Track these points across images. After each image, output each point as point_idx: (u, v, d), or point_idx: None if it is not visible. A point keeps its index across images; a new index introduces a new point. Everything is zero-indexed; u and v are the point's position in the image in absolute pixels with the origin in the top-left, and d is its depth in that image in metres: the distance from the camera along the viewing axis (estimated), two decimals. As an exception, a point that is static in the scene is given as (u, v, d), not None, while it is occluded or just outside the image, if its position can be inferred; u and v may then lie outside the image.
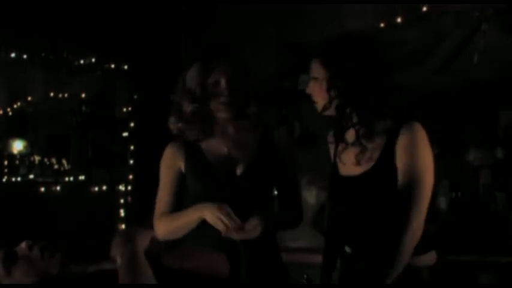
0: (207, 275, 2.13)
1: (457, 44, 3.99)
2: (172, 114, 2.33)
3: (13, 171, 4.75)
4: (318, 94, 2.04)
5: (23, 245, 2.11)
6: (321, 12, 4.37)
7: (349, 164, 2.02)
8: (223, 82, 2.20)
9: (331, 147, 2.17)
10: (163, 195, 2.30)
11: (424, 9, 3.99)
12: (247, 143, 2.25)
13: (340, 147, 2.09)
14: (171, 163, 2.32)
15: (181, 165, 2.30)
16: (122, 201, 4.82)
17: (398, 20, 4.06)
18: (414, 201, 1.88)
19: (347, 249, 2.03)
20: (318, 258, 3.85)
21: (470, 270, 3.38)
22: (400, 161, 1.90)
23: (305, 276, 2.38)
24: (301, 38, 4.50)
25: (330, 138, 2.17)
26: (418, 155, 1.89)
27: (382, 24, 4.05)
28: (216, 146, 2.27)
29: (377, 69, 1.97)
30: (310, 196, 4.01)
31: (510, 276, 3.32)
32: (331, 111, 2.04)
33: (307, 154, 4.25)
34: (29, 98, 4.79)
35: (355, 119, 1.98)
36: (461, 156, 4.21)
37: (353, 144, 1.99)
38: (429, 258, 1.99)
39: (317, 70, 2.03)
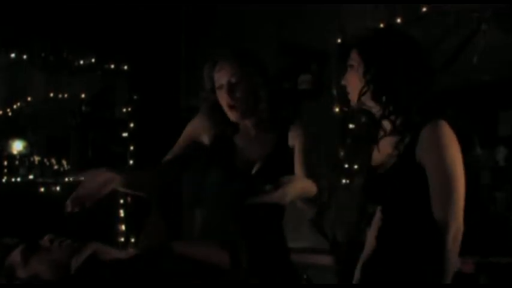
0: (207, 265, 2.13)
1: (457, 44, 3.99)
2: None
3: (13, 171, 4.75)
4: (352, 82, 2.00)
5: (46, 237, 2.16)
6: (321, 12, 4.37)
7: (378, 161, 2.01)
8: (224, 85, 2.19)
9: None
10: (175, 149, 2.32)
11: (424, 9, 3.98)
12: (264, 141, 2.25)
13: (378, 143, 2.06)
14: (196, 129, 2.33)
15: (205, 140, 2.30)
16: (121, 201, 4.81)
17: (398, 20, 4.06)
18: (450, 199, 1.85)
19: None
20: (318, 258, 3.85)
21: (470, 271, 3.38)
22: (427, 158, 1.87)
23: (305, 276, 2.39)
24: (301, 38, 4.50)
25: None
26: (445, 151, 1.86)
27: (382, 24, 4.05)
28: (240, 140, 2.27)
29: (414, 60, 1.96)
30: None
31: (510, 276, 3.31)
32: (362, 103, 2.01)
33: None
34: (29, 98, 4.79)
35: (390, 108, 1.95)
36: (461, 157, 4.20)
37: (390, 134, 1.97)
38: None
39: (353, 58, 2.00)
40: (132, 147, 4.81)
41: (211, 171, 2.29)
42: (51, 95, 4.81)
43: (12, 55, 4.37)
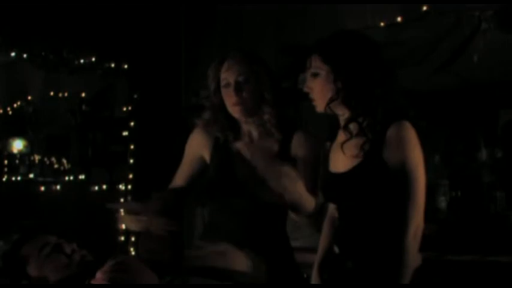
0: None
1: (457, 44, 3.99)
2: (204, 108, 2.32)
3: (13, 170, 4.76)
4: (320, 91, 2.01)
5: (69, 245, 2.12)
6: (321, 13, 4.37)
7: (339, 160, 2.02)
8: (231, 83, 2.19)
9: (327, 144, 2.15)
10: (179, 172, 2.34)
11: (424, 9, 3.99)
12: (267, 147, 2.23)
13: (336, 143, 2.08)
14: (194, 147, 2.33)
15: (205, 155, 2.30)
16: (122, 200, 4.82)
17: (399, 19, 4.06)
18: (411, 198, 1.89)
19: (335, 248, 2.04)
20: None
21: (470, 270, 3.38)
22: (391, 158, 1.91)
23: (305, 276, 2.39)
24: (301, 38, 4.50)
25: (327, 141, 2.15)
26: (409, 151, 1.90)
27: (382, 24, 4.05)
28: (241, 148, 2.26)
29: (378, 62, 1.97)
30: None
31: (510, 276, 3.32)
32: (329, 109, 2.02)
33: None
34: (29, 97, 4.79)
35: (359, 111, 1.96)
36: (461, 156, 4.21)
37: (356, 135, 1.97)
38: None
39: (318, 66, 2.00)
40: (132, 147, 4.81)
41: (213, 178, 2.29)
42: (52, 94, 4.81)
43: (12, 54, 4.36)
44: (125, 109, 4.86)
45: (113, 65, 4.79)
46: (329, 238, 2.12)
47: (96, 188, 4.84)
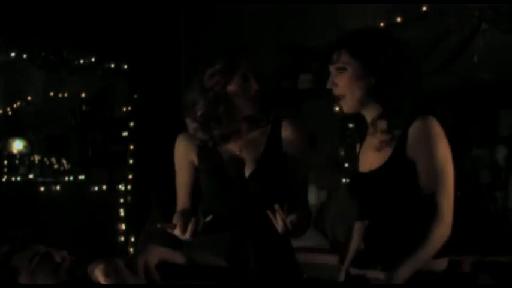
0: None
1: (457, 44, 3.99)
2: (187, 116, 2.29)
3: (13, 170, 4.76)
4: (346, 86, 1.97)
5: (59, 253, 2.13)
6: (321, 13, 4.37)
7: (368, 160, 2.01)
8: (252, 76, 2.19)
9: (357, 146, 2.14)
10: (179, 191, 2.29)
11: (424, 9, 3.99)
12: (255, 142, 2.23)
13: (366, 143, 2.07)
14: (183, 155, 2.30)
15: (194, 158, 2.29)
16: (121, 200, 4.82)
17: (399, 20, 4.07)
18: (442, 193, 1.87)
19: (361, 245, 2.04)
20: (318, 258, 3.84)
21: (470, 270, 3.38)
22: (419, 153, 1.89)
23: (305, 276, 2.39)
24: (301, 38, 4.50)
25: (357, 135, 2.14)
26: (434, 145, 1.88)
27: (382, 24, 4.06)
28: (228, 145, 2.25)
29: (406, 58, 1.97)
30: (311, 196, 4.01)
31: (510, 276, 3.32)
32: (357, 107, 2.01)
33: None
34: (29, 98, 4.79)
35: (390, 107, 1.94)
36: (461, 156, 4.21)
37: (387, 132, 1.95)
38: (442, 263, 1.98)
39: (346, 61, 1.96)
40: (132, 147, 4.81)
41: (205, 180, 2.28)
42: (52, 94, 4.81)
43: (12, 54, 4.37)
44: (124, 109, 4.86)
45: (112, 65, 4.79)
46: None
47: (96, 188, 4.84)
